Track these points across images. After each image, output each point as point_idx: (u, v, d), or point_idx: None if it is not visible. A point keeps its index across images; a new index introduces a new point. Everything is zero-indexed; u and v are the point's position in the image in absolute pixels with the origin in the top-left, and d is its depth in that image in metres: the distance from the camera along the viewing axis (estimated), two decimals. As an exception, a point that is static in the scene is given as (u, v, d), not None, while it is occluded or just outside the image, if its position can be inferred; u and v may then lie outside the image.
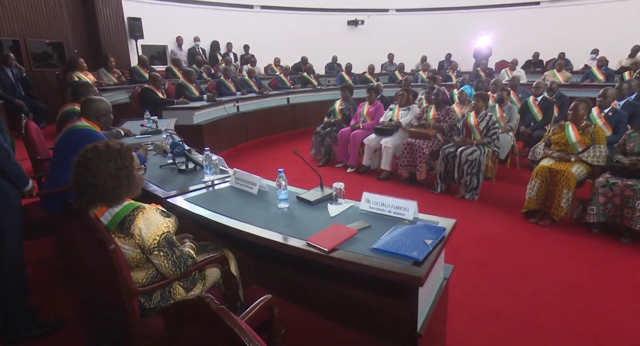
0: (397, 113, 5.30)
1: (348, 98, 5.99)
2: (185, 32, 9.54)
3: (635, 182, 3.12)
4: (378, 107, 5.62)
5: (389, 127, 5.19)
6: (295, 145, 6.78)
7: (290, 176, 2.49)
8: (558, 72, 7.87)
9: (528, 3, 10.92)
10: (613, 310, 2.37)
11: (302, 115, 7.82)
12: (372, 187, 4.74)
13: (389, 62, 10.59)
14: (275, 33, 10.98)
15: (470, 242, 3.28)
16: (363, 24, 11.82)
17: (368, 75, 8.92)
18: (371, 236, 1.68)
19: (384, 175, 5.09)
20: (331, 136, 5.73)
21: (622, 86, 4.86)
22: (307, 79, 8.46)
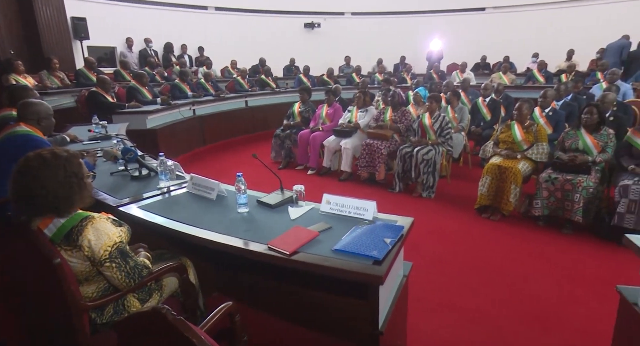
0: (356, 115, 5.38)
1: (307, 100, 6.01)
2: (135, 33, 9.15)
3: (573, 176, 3.36)
4: (337, 109, 5.68)
5: (348, 129, 5.27)
6: (254, 148, 6.69)
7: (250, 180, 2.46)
8: (504, 75, 8.33)
9: (474, 9, 11.49)
10: (558, 297, 2.54)
11: (261, 118, 7.75)
12: (333, 188, 4.78)
13: (346, 64, 10.75)
14: (231, 35, 10.80)
15: (428, 239, 3.40)
16: (320, 27, 11.92)
17: (326, 78, 9.00)
18: (332, 237, 1.69)
19: (344, 176, 5.15)
20: (291, 138, 5.72)
21: (560, 88, 5.24)
22: (265, 82, 8.40)
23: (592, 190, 3.28)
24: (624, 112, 4.56)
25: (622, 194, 3.11)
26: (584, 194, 3.27)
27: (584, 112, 3.62)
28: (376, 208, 1.91)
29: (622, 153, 3.40)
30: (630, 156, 3.34)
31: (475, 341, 2.15)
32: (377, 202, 1.92)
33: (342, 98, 6.70)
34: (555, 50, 9.18)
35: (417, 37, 11.31)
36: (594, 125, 3.57)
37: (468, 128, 5.59)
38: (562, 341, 2.14)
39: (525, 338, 2.17)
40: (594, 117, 3.55)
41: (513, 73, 8.92)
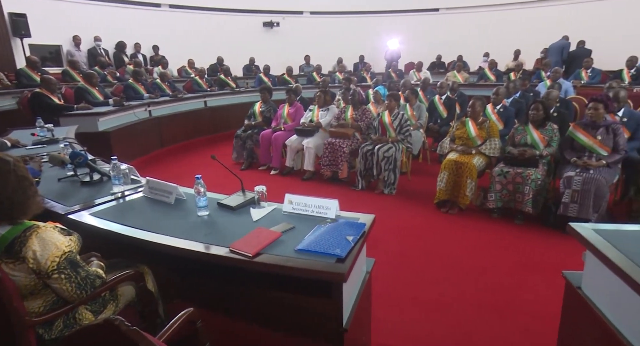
0: (317, 114, 5.40)
1: (268, 100, 5.95)
2: (83, 30, 8.66)
3: (523, 169, 3.55)
4: (298, 108, 5.67)
5: (310, 128, 5.27)
6: (215, 149, 6.56)
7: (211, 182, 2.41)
8: (458, 73, 8.67)
9: (429, 9, 11.87)
10: (512, 285, 2.67)
11: (221, 118, 7.59)
12: (296, 188, 4.77)
13: (306, 63, 10.76)
14: (188, 33, 10.49)
15: (391, 235, 3.47)
16: (279, 26, 11.84)
17: (287, 77, 8.96)
18: (295, 237, 1.68)
19: (307, 175, 5.15)
20: (252, 139, 5.64)
21: (509, 86, 5.53)
22: (224, 81, 8.23)
23: (540, 182, 3.48)
24: (566, 108, 4.88)
25: (566, 185, 3.32)
26: (532, 186, 3.46)
27: (530, 109, 3.83)
28: (338, 206, 1.92)
29: (565, 146, 3.63)
30: (572, 149, 3.58)
31: (438, 333, 2.22)
32: (340, 200, 1.93)
33: (303, 97, 6.70)
34: (503, 50, 9.66)
35: (375, 37, 11.52)
36: (540, 120, 3.79)
37: (426, 126, 5.77)
38: (516, 325, 2.25)
39: (484, 325, 2.26)
40: (539, 113, 3.77)
41: (466, 72, 9.30)
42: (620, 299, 1.38)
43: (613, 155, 3.40)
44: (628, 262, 1.36)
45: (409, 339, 2.17)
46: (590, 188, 3.21)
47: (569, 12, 9.99)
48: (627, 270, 1.31)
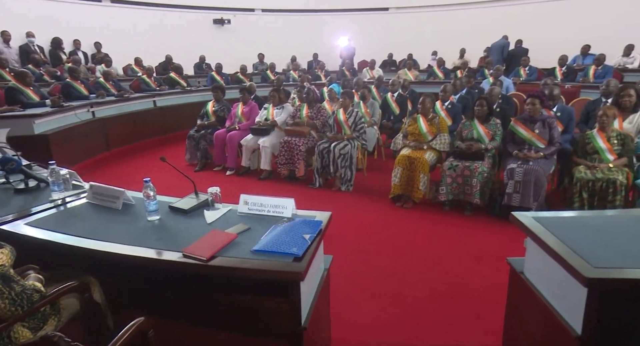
0: (272, 113, 5.35)
1: (221, 99, 5.82)
2: (13, 25, 7.98)
3: (471, 163, 3.73)
4: (252, 107, 5.59)
5: (265, 127, 5.22)
6: (166, 151, 6.31)
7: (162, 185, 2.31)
8: (408, 71, 8.94)
9: (379, 9, 12.13)
10: (464, 273, 2.81)
11: (172, 118, 7.31)
12: (253, 188, 4.71)
13: (259, 61, 10.62)
14: (133, 30, 9.99)
15: (348, 231, 3.51)
16: (230, 23, 11.59)
17: (240, 75, 8.80)
18: (252, 238, 1.66)
19: (264, 174, 5.09)
20: (206, 139, 5.49)
21: (456, 83, 5.78)
22: (174, 80, 7.93)
23: (486, 175, 3.68)
24: (507, 103, 5.18)
25: (509, 176, 3.53)
26: (479, 178, 3.65)
27: (475, 105, 4.03)
28: (294, 205, 1.91)
29: (507, 140, 3.86)
30: (514, 142, 3.81)
31: (395, 324, 2.28)
32: (297, 198, 1.93)
33: (258, 96, 6.62)
34: (450, 48, 10.08)
35: (328, 35, 11.60)
36: (484, 116, 4.00)
37: (380, 123, 5.90)
38: (467, 311, 2.37)
39: (438, 314, 2.36)
40: (484, 109, 3.97)
41: (417, 69, 9.61)
42: (557, 281, 1.49)
43: (549, 147, 3.66)
44: (563, 246, 1.47)
45: (367, 332, 2.21)
46: (530, 179, 3.44)
47: (508, 13, 10.62)
48: (562, 254, 1.42)
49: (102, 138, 6.04)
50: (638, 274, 1.31)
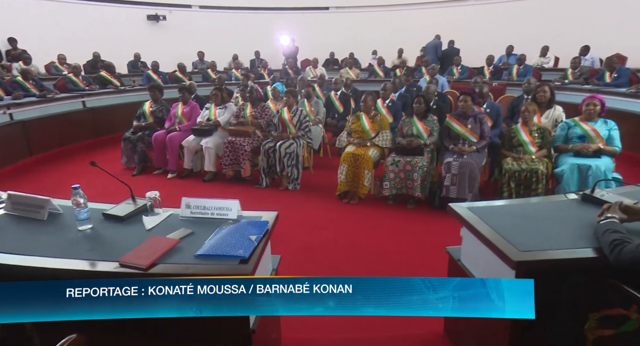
0: (214, 113, 5.20)
1: (158, 98, 5.54)
2: None
3: (411, 158, 3.90)
4: (193, 106, 5.39)
5: (208, 127, 5.06)
6: (99, 155, 5.90)
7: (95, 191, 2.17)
8: (350, 70, 9.12)
9: (319, 7, 12.24)
10: (407, 264, 2.94)
11: (104, 120, 6.84)
12: (197, 191, 4.56)
13: (199, 60, 10.25)
14: (55, 25, 9.17)
15: (296, 229, 3.52)
16: (165, 20, 11.08)
17: (179, 74, 8.44)
18: (195, 242, 1.61)
19: (208, 176, 4.94)
20: (144, 141, 5.21)
21: (396, 81, 6.01)
22: (106, 79, 7.41)
23: (426, 169, 3.86)
24: (443, 101, 5.48)
25: (446, 170, 3.74)
26: (420, 173, 3.83)
27: (414, 102, 4.21)
28: (240, 206, 1.88)
29: (443, 135, 4.09)
30: (449, 137, 4.04)
31: (344, 318, 2.32)
32: (244, 199, 1.90)
33: (199, 95, 6.39)
34: (389, 48, 10.41)
35: (270, 33, 11.48)
36: (422, 113, 4.19)
37: (324, 121, 5.96)
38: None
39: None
40: (422, 106, 4.16)
41: (358, 68, 9.83)
42: (489, 265, 1.61)
43: (481, 141, 3.93)
44: (494, 233, 1.59)
45: (318, 329, 2.23)
46: (465, 172, 3.67)
47: (441, 15, 11.20)
48: (493, 240, 1.53)
49: (23, 142, 5.50)
50: (558, 255, 1.45)
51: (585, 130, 3.52)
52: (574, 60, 7.23)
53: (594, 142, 3.46)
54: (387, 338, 2.11)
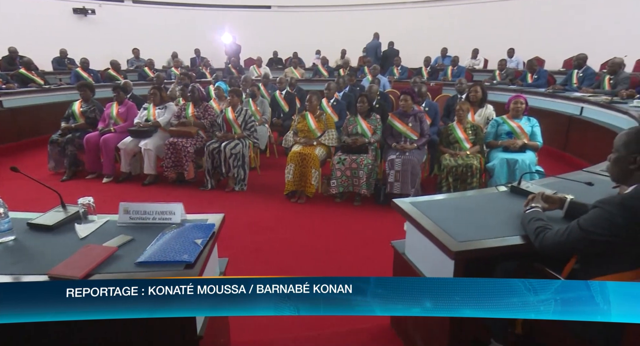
0: (154, 113, 4.96)
1: (90, 98, 5.16)
2: None
3: (357, 156, 4.00)
4: (129, 106, 5.09)
5: (147, 128, 4.81)
6: (23, 160, 5.39)
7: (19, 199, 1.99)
8: (295, 69, 9.13)
9: (261, 6, 12.11)
10: (355, 260, 3.00)
11: (27, 121, 6.24)
12: (137, 195, 4.33)
13: (135, 57, 9.70)
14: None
15: (244, 231, 3.46)
16: (95, 14, 10.34)
17: (112, 72, 7.93)
18: (136, 249, 1.53)
19: (148, 179, 4.70)
20: (74, 143, 4.83)
21: (340, 81, 6.11)
22: (26, 77, 6.76)
23: (370, 166, 3.97)
24: (385, 100, 5.66)
25: (390, 167, 3.88)
26: (365, 170, 3.93)
27: (358, 101, 4.31)
28: (184, 209, 1.81)
29: (386, 133, 4.23)
30: (392, 135, 4.19)
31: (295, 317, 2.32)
32: (188, 202, 1.85)
33: (135, 95, 6.05)
34: (332, 48, 10.55)
35: (210, 31, 11.14)
36: (366, 111, 4.30)
37: (270, 120, 5.91)
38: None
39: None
40: (365, 105, 4.28)
41: (302, 68, 9.87)
42: (431, 257, 1.70)
43: (421, 139, 4.12)
44: (435, 226, 1.67)
45: (269, 330, 2.22)
46: (407, 168, 3.83)
47: (380, 17, 11.57)
48: (434, 233, 1.62)
49: None
50: (491, 243, 1.56)
51: (512, 127, 3.83)
52: (501, 62, 7.83)
53: (520, 138, 3.77)
54: (335, 334, 2.14)
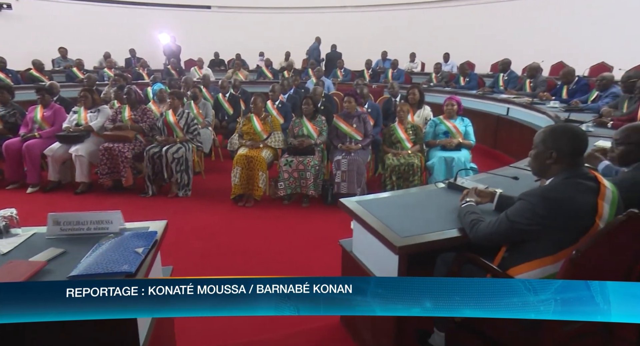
0: (85, 117, 4.63)
1: (8, 101, 4.71)
2: None
3: (304, 157, 4.02)
4: (57, 110, 4.71)
5: (78, 133, 4.48)
6: None
7: None
8: (238, 71, 8.98)
9: (201, 6, 11.77)
10: (305, 261, 3.02)
11: None
12: (69, 205, 4.02)
13: (61, 57, 8.99)
14: None
15: (190, 237, 3.35)
16: (11, 9, 9.42)
17: (35, 73, 7.28)
18: (68, 263, 1.42)
19: (81, 188, 4.38)
20: (-9, 151, 4.37)
21: (284, 83, 6.11)
22: None
23: (317, 167, 4.02)
24: (329, 102, 5.75)
25: (336, 167, 3.96)
26: (312, 171, 3.97)
27: (303, 103, 4.35)
28: (122, 217, 1.71)
29: (332, 135, 4.30)
30: (337, 136, 4.27)
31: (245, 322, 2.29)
32: (128, 210, 1.75)
33: (63, 97, 5.60)
34: (276, 50, 10.52)
35: (148, 31, 10.63)
36: (311, 113, 4.34)
37: (214, 123, 5.76)
38: (313, 295, 2.56)
39: (287, 302, 2.47)
40: (310, 107, 4.32)
41: (246, 69, 9.73)
42: (377, 253, 1.76)
43: (365, 139, 4.24)
44: (379, 223, 1.74)
45: (218, 337, 2.16)
46: (353, 168, 3.93)
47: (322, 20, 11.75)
48: (379, 230, 1.68)
49: None
50: (432, 237, 1.65)
51: (448, 127, 4.07)
52: (436, 66, 8.29)
53: (455, 137, 4.02)
54: (286, 336, 2.14)
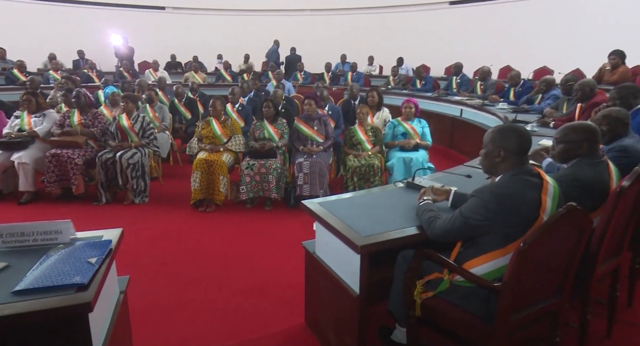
0: (29, 122, 4.34)
1: (-60, 105, 4.32)
2: None
3: (265, 160, 3.99)
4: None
5: (20, 139, 4.19)
6: None
7: None
8: (196, 74, 8.77)
9: (154, 7, 11.40)
10: (269, 264, 2.99)
11: None
12: (12, 216, 3.77)
13: (0, 58, 8.38)
14: None
15: (147, 245, 3.23)
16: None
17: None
18: (13, 277, 1.33)
19: (26, 197, 4.10)
20: None
21: (244, 85, 6.05)
22: None
23: (279, 170, 4.00)
24: (290, 104, 5.75)
25: (298, 170, 3.96)
26: (274, 174, 3.95)
27: (263, 106, 4.32)
28: (73, 227, 1.62)
29: (293, 137, 4.31)
30: (299, 139, 4.28)
31: (207, 329, 2.25)
32: (80, 218, 1.68)
33: (3, 101, 5.23)
34: (234, 52, 10.39)
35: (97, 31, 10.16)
36: (272, 116, 4.32)
37: (172, 127, 5.59)
38: (277, 298, 2.55)
39: (249, 309, 2.44)
40: (271, 110, 4.30)
41: (204, 72, 9.52)
42: (339, 253, 1.78)
43: (326, 141, 4.28)
44: (341, 224, 1.76)
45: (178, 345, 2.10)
46: (315, 170, 3.94)
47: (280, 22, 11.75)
48: (341, 230, 1.69)
49: None
50: (392, 235, 1.69)
51: (406, 128, 4.19)
52: (393, 69, 8.52)
53: (413, 138, 4.15)
54: (252, 340, 2.11)
